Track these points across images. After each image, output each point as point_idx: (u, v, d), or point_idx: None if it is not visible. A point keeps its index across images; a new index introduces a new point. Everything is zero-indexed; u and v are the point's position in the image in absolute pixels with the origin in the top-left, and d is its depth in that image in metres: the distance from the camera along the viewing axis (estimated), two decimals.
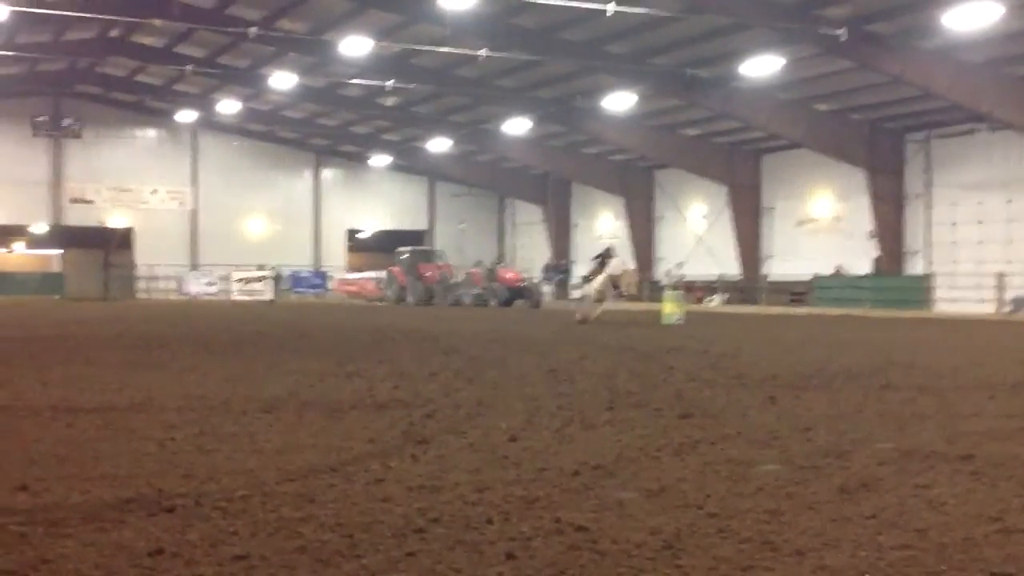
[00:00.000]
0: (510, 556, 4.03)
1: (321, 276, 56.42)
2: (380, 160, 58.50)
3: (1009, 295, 32.01)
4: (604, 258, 24.15)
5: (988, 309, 31.45)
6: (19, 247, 56.50)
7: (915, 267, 37.44)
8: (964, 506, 5.06)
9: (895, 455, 6.41)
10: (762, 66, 31.83)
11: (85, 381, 10.47)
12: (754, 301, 41.31)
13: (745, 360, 13.73)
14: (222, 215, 57.24)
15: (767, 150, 43.62)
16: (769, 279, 42.94)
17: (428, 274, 45.15)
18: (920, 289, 35.11)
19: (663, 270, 48.77)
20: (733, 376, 11.37)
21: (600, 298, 22.93)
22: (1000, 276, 31.78)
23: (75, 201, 55.70)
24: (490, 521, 4.59)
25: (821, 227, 42.38)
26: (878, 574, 3.90)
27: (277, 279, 51.64)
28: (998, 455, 6.39)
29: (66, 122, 55.13)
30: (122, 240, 55.27)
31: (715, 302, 43.51)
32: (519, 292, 41.26)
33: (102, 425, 7.46)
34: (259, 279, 51.41)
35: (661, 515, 4.74)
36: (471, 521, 4.60)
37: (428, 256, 47.76)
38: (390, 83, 40.24)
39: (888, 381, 10.99)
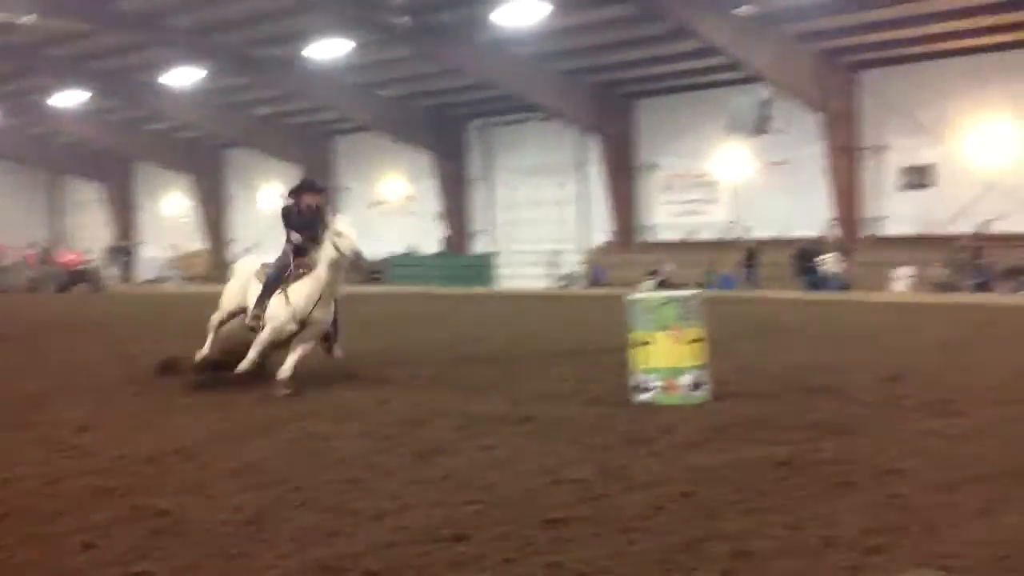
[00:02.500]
0: (87, 546, 3.91)
1: None
2: None
3: (562, 271, 34.93)
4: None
5: (544, 284, 34.12)
6: None
7: (480, 246, 39.73)
8: (524, 462, 5.58)
9: (465, 421, 6.87)
10: (330, 49, 32.16)
11: None
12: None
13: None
14: None
15: (338, 132, 44.15)
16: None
17: None
18: (485, 267, 37.30)
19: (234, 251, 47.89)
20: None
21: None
22: (554, 254, 34.59)
23: None
24: (63, 512, 4.40)
25: (393, 208, 43.68)
26: (450, 529, 4.21)
27: None
28: (554, 416, 7.07)
29: None
30: None
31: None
32: (80, 275, 38.66)
33: None
34: None
35: (245, 493, 4.79)
36: (42, 514, 4.38)
37: None
38: None
39: (458, 354, 11.65)
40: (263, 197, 48.83)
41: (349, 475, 5.20)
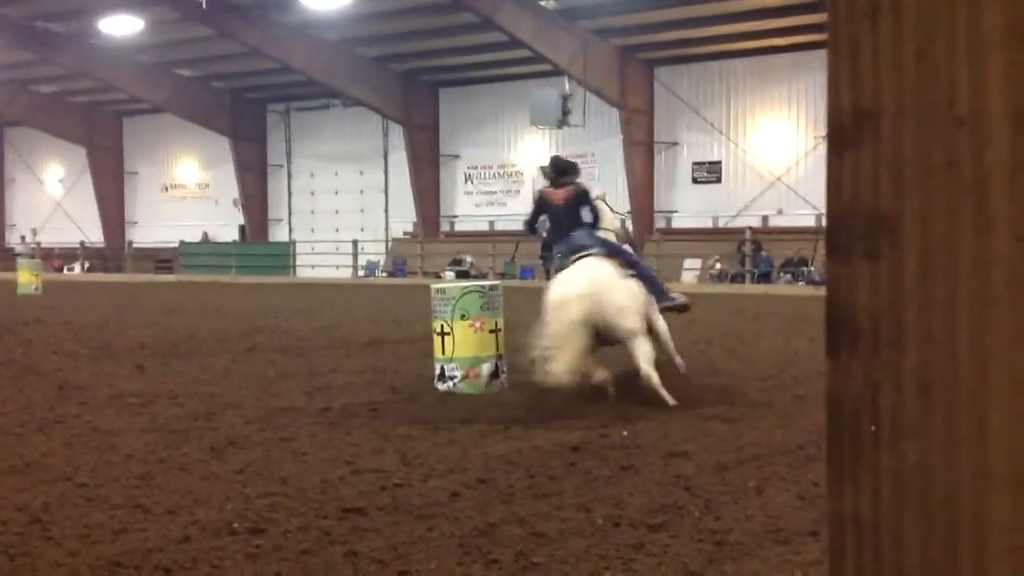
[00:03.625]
0: None
1: None
2: None
3: (364, 261, 34.75)
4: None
5: (345, 274, 33.87)
6: None
7: (279, 234, 39.03)
8: (322, 453, 5.58)
9: (262, 413, 6.80)
10: (121, 25, 30.86)
11: None
12: (120, 269, 40.12)
13: (111, 330, 13.41)
14: None
15: (129, 112, 42.40)
16: (135, 246, 41.96)
17: None
18: (284, 256, 36.68)
19: (18, 238, 45.35)
20: (99, 347, 11.09)
21: None
22: (355, 243, 34.36)
23: None
24: None
25: (188, 193, 42.34)
26: (246, 522, 4.18)
27: None
28: (353, 406, 7.08)
29: None
30: None
31: (76, 270, 41.50)
32: None
33: None
34: None
35: (28, 491, 4.60)
36: None
37: None
38: None
39: (254, 344, 11.47)
40: (48, 179, 46.37)
41: (138, 471, 5.07)
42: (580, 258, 7.34)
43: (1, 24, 32.74)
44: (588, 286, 6.95)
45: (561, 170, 8.00)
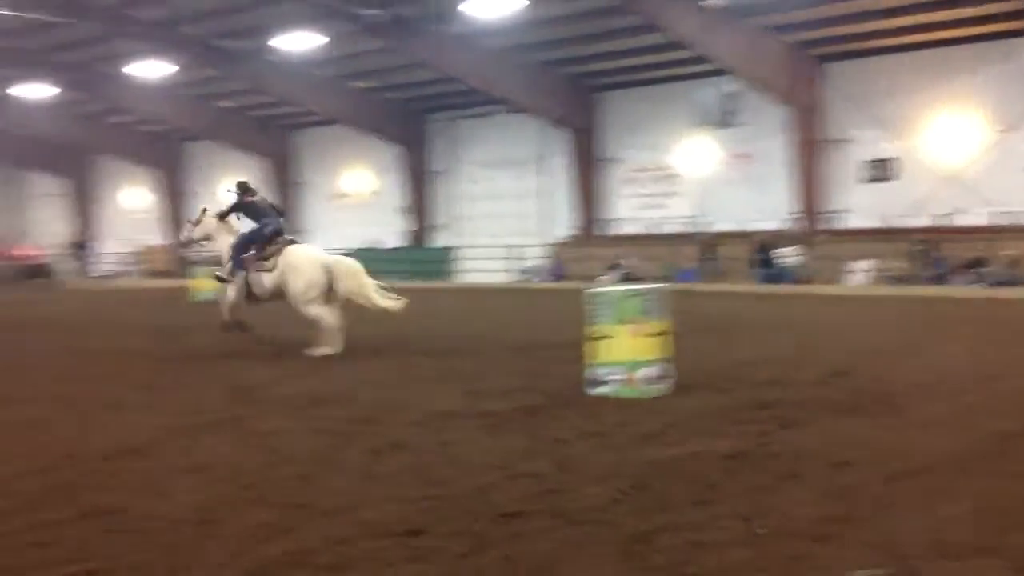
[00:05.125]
0: (38, 544, 3.89)
1: None
2: None
3: (523, 265, 34.95)
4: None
5: (505, 278, 34.15)
6: None
7: (442, 240, 39.70)
8: (479, 457, 5.61)
9: (421, 416, 6.89)
10: (299, 41, 32.01)
11: None
12: None
13: (282, 334, 13.85)
14: None
15: (303, 124, 43.96)
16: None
17: None
18: (445, 261, 37.28)
19: None
20: (270, 350, 11.44)
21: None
22: (515, 248, 34.60)
23: None
24: (13, 511, 4.37)
25: (355, 202, 43.55)
26: (405, 524, 4.24)
27: None
28: (511, 410, 7.09)
29: None
30: None
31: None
32: (34, 270, 38.29)
33: None
34: None
35: (197, 490, 4.78)
36: None
37: None
38: None
39: (416, 348, 11.65)
40: (223, 191, 48.54)
41: (302, 471, 5.21)
42: None
43: (186, 43, 34.44)
44: None
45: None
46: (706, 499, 4.65)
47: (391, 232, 41.01)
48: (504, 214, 37.62)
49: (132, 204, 52.59)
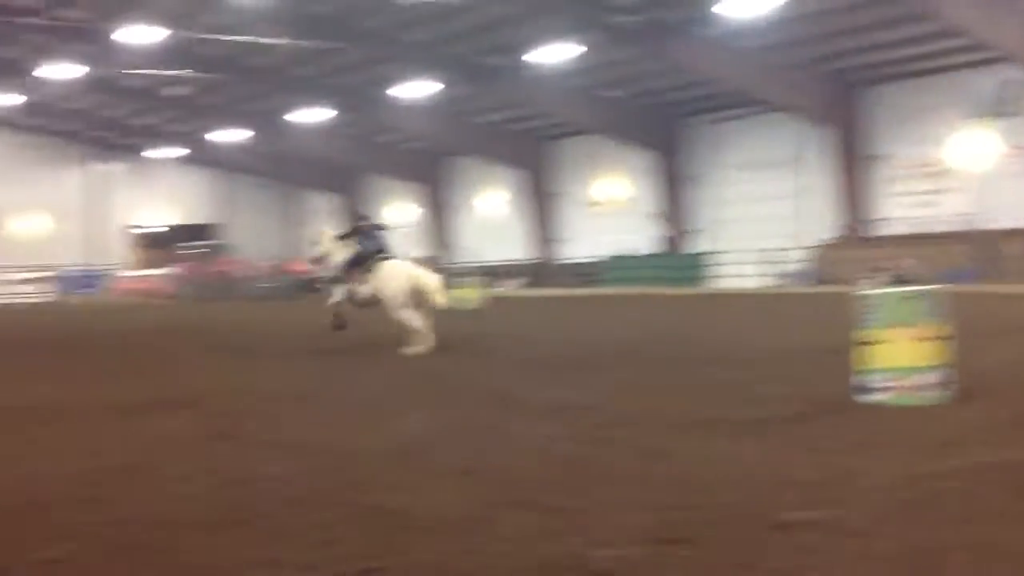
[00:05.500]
0: (326, 542, 4.10)
1: (99, 275, 53.62)
2: (167, 152, 56.38)
3: (784, 269, 34.00)
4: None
5: (763, 283, 33.35)
6: None
7: (697, 245, 39.26)
8: (746, 464, 5.46)
9: (683, 422, 6.79)
10: (554, 54, 32.59)
11: None
12: (549, 284, 42.31)
13: (542, 341, 14.10)
14: None
15: (558, 135, 44.70)
16: (562, 261, 44.03)
17: (216, 269, 44.06)
18: (701, 266, 36.82)
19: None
20: (531, 357, 11.67)
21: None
22: (773, 251, 33.73)
23: None
24: (303, 507, 4.64)
25: (609, 209, 43.79)
26: (674, 531, 4.18)
27: (54, 280, 48.91)
28: (777, 417, 6.87)
29: None
30: None
31: (513, 286, 44.31)
32: (312, 284, 40.77)
33: None
34: (34, 280, 48.57)
35: (469, 491, 4.91)
36: (283, 509, 4.63)
37: (215, 251, 46.50)
38: (177, 73, 38.85)
39: (674, 354, 11.55)
40: (483, 204, 49.98)
41: (567, 476, 5.25)
42: None
43: (449, 63, 35.80)
44: None
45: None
46: (997, 513, 4.33)
47: (645, 239, 40.92)
48: (761, 217, 36.74)
49: (398, 219, 55.13)
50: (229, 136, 50.16)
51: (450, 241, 51.51)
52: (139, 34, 33.11)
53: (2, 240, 54.19)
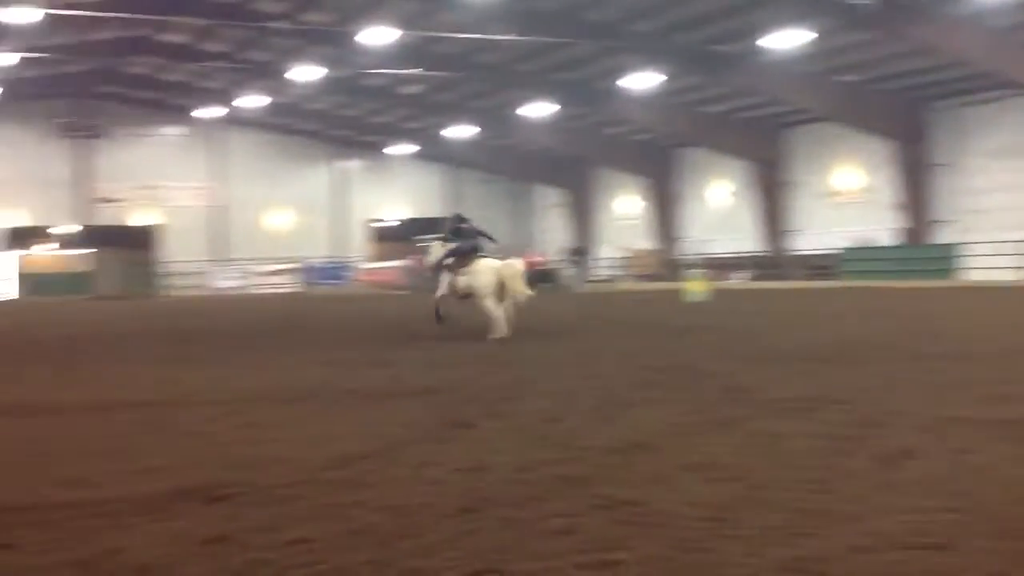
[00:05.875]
0: (564, 532, 4.11)
1: (343, 267, 56.57)
2: (402, 149, 58.59)
3: None
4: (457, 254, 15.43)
5: (1018, 276, 31.24)
6: (47, 248, 56.80)
7: (942, 236, 37.21)
8: (1003, 470, 5.10)
9: (932, 422, 6.44)
10: (787, 39, 31.64)
11: (121, 378, 10.62)
12: (780, 277, 41.22)
13: (774, 335, 13.74)
14: (246, 210, 57.57)
15: (791, 124, 43.42)
16: (794, 253, 42.81)
17: None
18: (948, 258, 34.92)
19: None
20: (762, 351, 11.39)
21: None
22: None
23: (100, 201, 56.14)
24: (539, 499, 4.67)
25: (846, 199, 42.18)
26: (925, 536, 3.95)
27: (300, 271, 51.86)
28: (995, 419, 6.42)
29: (89, 123, 55.47)
30: (148, 238, 55.63)
31: (741, 279, 43.47)
32: (541, 276, 41.40)
33: (142, 420, 7.57)
34: (283, 272, 51.65)
35: (705, 488, 4.81)
36: (520, 500, 4.67)
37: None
38: (412, 71, 40.27)
39: (918, 350, 11.00)
40: (710, 195, 49.21)
41: (808, 476, 5.05)
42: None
43: (676, 52, 35.46)
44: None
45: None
46: None
47: (884, 230, 39.22)
48: (1018, 207, 34.42)
49: (624, 211, 55.13)
50: (459, 132, 51.57)
51: (677, 233, 51.02)
52: (377, 35, 34.52)
53: (255, 234, 57.88)
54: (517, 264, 14.97)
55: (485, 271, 14.60)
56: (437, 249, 15.76)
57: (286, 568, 3.80)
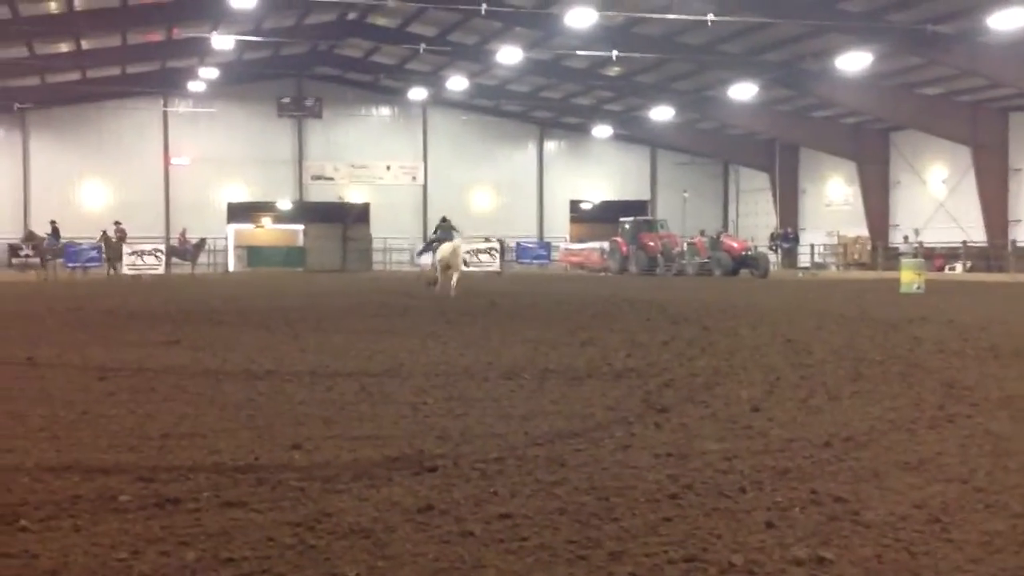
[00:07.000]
0: (769, 525, 4.03)
1: (546, 247, 57.06)
2: (602, 131, 58.49)
3: None
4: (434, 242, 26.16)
5: None
6: (267, 222, 59.85)
7: None
8: None
9: None
10: (1011, 19, 29.74)
11: (338, 348, 11.09)
12: (1001, 268, 38.91)
13: (996, 331, 12.99)
14: (451, 189, 58.80)
15: (1016, 107, 40.83)
16: (1018, 244, 40.34)
17: (651, 244, 44.90)
18: None
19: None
20: (984, 347, 10.79)
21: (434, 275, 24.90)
22: None
23: (316, 178, 58.58)
24: (744, 490, 4.59)
25: None
26: None
27: (503, 250, 52.64)
28: None
29: (307, 102, 57.95)
30: (359, 214, 57.73)
31: (957, 270, 41.29)
32: (744, 261, 40.49)
33: (359, 389, 7.88)
34: (486, 251, 52.57)
35: (922, 488, 4.60)
36: (724, 489, 4.61)
37: (651, 225, 47.42)
38: (614, 53, 40.09)
39: None
40: (930, 180, 46.90)
41: None
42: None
43: (888, 31, 33.92)
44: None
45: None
46: None
47: None
48: None
49: (832, 196, 53.30)
50: (659, 114, 51.06)
51: (890, 220, 48.94)
52: (580, 17, 34.52)
53: (458, 213, 59.16)
54: (458, 247, 23.14)
55: (440, 251, 23.52)
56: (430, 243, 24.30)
57: (490, 543, 3.88)
